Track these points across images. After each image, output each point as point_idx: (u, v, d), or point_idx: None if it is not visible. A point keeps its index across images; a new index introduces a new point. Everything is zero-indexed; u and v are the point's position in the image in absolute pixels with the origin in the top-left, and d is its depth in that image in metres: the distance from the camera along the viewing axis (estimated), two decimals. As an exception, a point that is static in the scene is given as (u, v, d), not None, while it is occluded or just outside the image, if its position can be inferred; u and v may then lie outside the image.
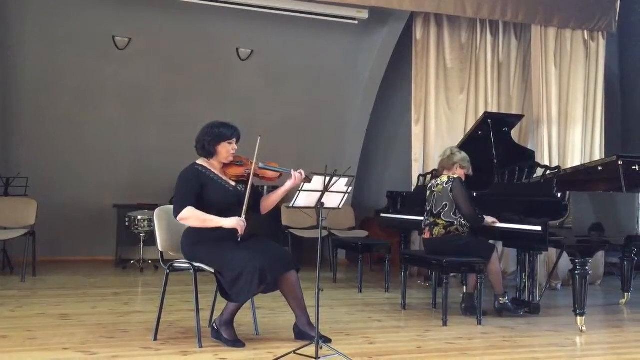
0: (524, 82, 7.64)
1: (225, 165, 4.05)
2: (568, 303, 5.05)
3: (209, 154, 4.01)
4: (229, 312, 3.90)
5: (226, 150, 4.00)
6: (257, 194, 4.20)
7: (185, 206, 3.84)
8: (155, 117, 8.19)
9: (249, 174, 3.97)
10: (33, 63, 7.60)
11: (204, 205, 3.90)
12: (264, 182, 4.31)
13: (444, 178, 5.10)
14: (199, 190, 3.90)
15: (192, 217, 3.85)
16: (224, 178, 4.03)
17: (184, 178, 3.96)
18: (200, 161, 4.06)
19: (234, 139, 4.02)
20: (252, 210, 4.10)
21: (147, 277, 6.95)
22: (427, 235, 5.19)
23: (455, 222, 4.98)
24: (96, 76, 7.86)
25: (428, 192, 5.24)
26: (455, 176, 5.05)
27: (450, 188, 4.97)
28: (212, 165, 4.04)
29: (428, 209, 5.19)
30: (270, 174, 4.06)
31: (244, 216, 3.87)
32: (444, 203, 5.01)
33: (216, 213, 3.88)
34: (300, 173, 3.89)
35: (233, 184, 4.03)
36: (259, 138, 3.91)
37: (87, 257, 8.02)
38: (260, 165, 4.02)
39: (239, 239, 3.84)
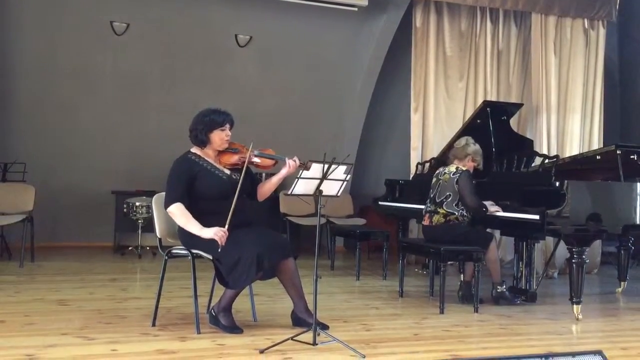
0: (524, 71, 7.62)
1: (219, 153, 3.99)
2: (565, 291, 5.07)
3: (202, 142, 3.94)
4: (227, 299, 3.91)
5: (219, 137, 3.94)
6: (254, 181, 4.16)
7: (175, 201, 3.80)
8: (154, 103, 8.16)
9: (243, 162, 3.92)
10: (31, 48, 7.56)
11: (197, 196, 3.86)
12: (259, 170, 4.27)
13: (452, 168, 5.09)
14: (189, 182, 3.84)
15: (179, 214, 3.80)
16: (218, 167, 3.97)
17: (175, 169, 3.90)
18: (194, 149, 4.00)
19: (227, 125, 3.95)
20: (250, 197, 4.08)
21: (145, 263, 6.96)
22: (426, 222, 5.19)
23: (456, 212, 4.99)
24: (94, 62, 7.82)
25: (434, 179, 5.23)
26: (464, 168, 5.05)
27: (457, 180, 4.97)
28: (206, 154, 3.98)
29: (431, 196, 5.18)
30: (265, 161, 4.00)
31: (227, 226, 3.72)
32: (448, 193, 5.01)
33: (210, 202, 3.85)
34: (295, 160, 3.87)
35: (227, 172, 3.98)
36: None
37: (85, 243, 8.01)
38: (256, 152, 3.97)
39: (219, 250, 3.70)
